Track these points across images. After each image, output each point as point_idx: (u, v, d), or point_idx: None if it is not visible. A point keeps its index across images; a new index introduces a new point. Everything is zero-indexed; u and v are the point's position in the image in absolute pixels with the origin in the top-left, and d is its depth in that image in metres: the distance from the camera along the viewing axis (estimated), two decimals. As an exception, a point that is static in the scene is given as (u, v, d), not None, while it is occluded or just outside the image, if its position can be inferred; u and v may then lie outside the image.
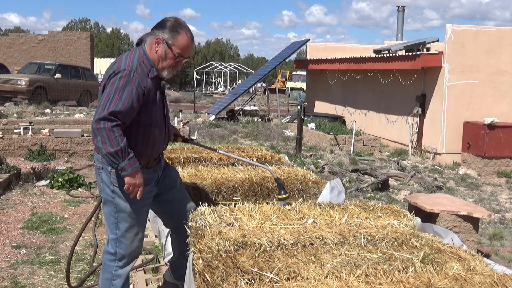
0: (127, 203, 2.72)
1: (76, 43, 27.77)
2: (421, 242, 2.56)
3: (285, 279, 2.04)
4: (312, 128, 12.21)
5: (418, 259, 2.29)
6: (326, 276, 2.08)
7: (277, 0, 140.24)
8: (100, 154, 2.61)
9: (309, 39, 18.63)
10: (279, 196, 3.07)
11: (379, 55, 12.35)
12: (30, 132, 9.01)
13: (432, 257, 2.34)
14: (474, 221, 4.28)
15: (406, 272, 2.16)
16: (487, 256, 4.57)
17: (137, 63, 2.64)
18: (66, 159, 8.59)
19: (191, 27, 2.77)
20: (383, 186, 7.37)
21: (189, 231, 2.73)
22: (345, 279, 2.06)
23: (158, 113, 2.75)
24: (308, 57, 17.92)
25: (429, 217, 4.17)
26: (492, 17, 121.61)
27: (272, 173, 2.73)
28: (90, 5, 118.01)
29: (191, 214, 2.84)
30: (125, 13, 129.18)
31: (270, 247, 2.38)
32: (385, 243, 2.52)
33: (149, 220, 4.89)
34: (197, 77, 39.98)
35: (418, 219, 3.01)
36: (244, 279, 2.00)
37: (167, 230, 3.83)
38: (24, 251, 4.33)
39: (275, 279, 2.03)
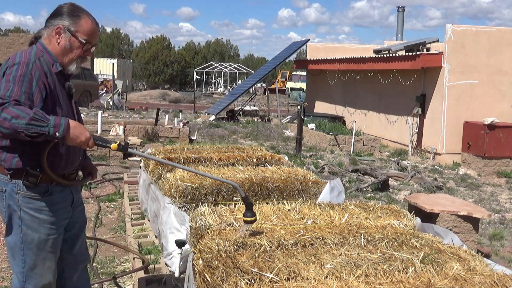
0: (36, 233, 2.28)
1: (76, 43, 27.75)
2: (421, 242, 2.56)
3: (285, 279, 2.04)
4: (312, 128, 12.21)
5: (418, 259, 2.29)
6: (326, 276, 2.08)
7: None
8: (22, 131, 1.99)
9: (309, 39, 18.64)
10: (245, 218, 2.48)
11: (379, 55, 12.36)
12: (30, 132, 8.99)
13: (432, 257, 2.34)
14: (474, 221, 4.29)
15: (406, 272, 2.16)
16: (487, 256, 4.56)
17: (35, 57, 2.23)
18: (66, 159, 8.58)
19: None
20: (383, 186, 7.37)
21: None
22: (345, 279, 2.06)
23: (66, 116, 2.26)
24: (308, 57, 17.93)
25: (429, 217, 4.17)
26: (497, 16, 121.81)
27: (239, 191, 2.54)
28: (87, 4, 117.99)
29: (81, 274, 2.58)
30: (122, 12, 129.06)
31: (270, 247, 2.38)
32: (385, 243, 2.52)
33: (148, 220, 4.89)
34: (197, 77, 39.97)
35: (418, 219, 3.01)
36: (244, 279, 2.00)
37: (168, 229, 3.83)
38: (24, 251, 4.32)
39: (275, 279, 2.02)
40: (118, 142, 2.28)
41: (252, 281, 2.00)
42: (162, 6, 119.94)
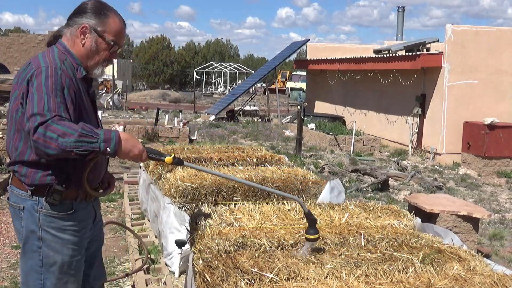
0: (59, 255, 2.03)
1: (76, 43, 27.74)
2: (421, 242, 2.56)
3: (285, 279, 2.04)
4: (312, 128, 12.21)
5: (418, 259, 2.29)
6: (326, 276, 2.08)
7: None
8: (71, 149, 1.82)
9: (309, 39, 18.65)
10: (308, 236, 2.33)
11: (379, 55, 12.35)
12: (30, 132, 8.99)
13: (432, 257, 2.34)
14: (474, 221, 4.29)
15: (406, 273, 2.16)
16: (487, 256, 4.57)
17: (59, 61, 2.01)
18: (66, 159, 8.58)
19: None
20: (383, 186, 7.37)
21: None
22: (345, 279, 2.05)
23: (94, 126, 2.00)
24: (308, 57, 17.92)
25: (429, 217, 4.17)
26: (500, 15, 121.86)
27: (302, 206, 2.36)
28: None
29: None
30: (120, 11, 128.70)
31: (270, 247, 2.38)
32: (385, 243, 2.52)
33: (148, 220, 4.89)
34: (197, 77, 39.95)
35: (418, 219, 3.01)
36: (244, 279, 2.00)
37: (168, 229, 3.83)
38: (24, 251, 4.33)
39: (275, 279, 2.02)
40: (173, 155, 2.11)
41: (252, 281, 2.00)
42: (160, 6, 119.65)
